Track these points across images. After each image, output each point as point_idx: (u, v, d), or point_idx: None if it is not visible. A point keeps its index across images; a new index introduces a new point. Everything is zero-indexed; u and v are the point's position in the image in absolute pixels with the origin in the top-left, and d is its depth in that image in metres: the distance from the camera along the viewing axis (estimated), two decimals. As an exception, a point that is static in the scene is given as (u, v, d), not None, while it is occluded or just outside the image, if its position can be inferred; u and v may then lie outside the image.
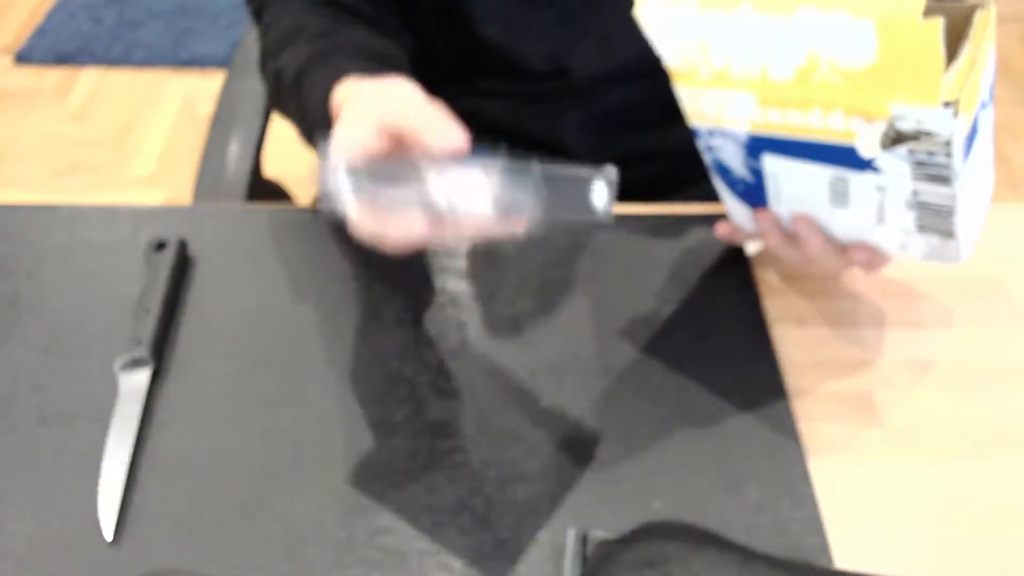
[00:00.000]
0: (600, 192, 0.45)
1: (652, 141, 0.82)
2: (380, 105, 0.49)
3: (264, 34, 0.68)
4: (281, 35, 0.65)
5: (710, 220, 0.67)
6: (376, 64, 0.59)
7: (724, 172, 0.56)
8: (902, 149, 0.44)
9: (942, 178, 0.44)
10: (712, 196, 0.59)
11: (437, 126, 0.46)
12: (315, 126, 0.58)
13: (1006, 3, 1.99)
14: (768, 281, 0.65)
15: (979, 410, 0.56)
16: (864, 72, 0.42)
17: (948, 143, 0.42)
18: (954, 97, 0.40)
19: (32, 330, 0.60)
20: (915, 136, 0.42)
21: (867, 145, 0.45)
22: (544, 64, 0.75)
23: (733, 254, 0.66)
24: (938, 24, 0.38)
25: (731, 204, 0.59)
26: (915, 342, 0.60)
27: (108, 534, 0.49)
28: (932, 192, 0.46)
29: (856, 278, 0.64)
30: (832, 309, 0.62)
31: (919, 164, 0.44)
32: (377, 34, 0.66)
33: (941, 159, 0.43)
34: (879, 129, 0.43)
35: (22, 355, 0.59)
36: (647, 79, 0.50)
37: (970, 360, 0.59)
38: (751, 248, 0.66)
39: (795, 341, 0.60)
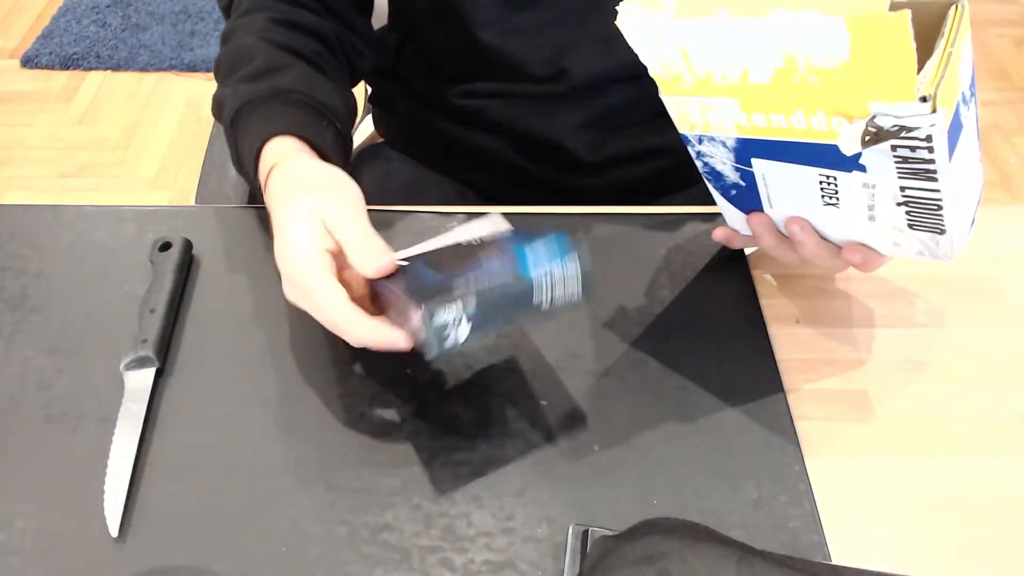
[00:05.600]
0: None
1: (650, 140, 0.82)
2: (317, 215, 0.52)
3: (222, 43, 0.69)
4: (231, 58, 0.66)
5: (709, 220, 0.68)
6: (310, 114, 0.62)
7: (716, 177, 0.56)
8: (885, 146, 0.44)
9: (928, 173, 0.44)
10: (711, 196, 0.59)
11: (363, 251, 0.51)
12: (244, 168, 0.62)
13: (999, 8, 2.03)
14: (765, 281, 0.65)
15: (972, 407, 0.57)
16: (840, 71, 0.42)
17: (929, 138, 0.42)
18: (930, 92, 0.40)
19: (38, 329, 0.61)
20: (895, 132, 0.42)
21: (850, 143, 0.45)
22: (543, 66, 0.76)
23: (732, 254, 0.66)
24: (906, 16, 0.38)
25: (726, 208, 0.60)
26: (909, 341, 0.61)
27: (113, 531, 0.50)
28: (919, 188, 0.46)
29: (851, 278, 0.65)
30: (828, 309, 0.63)
31: (903, 160, 0.44)
32: (324, 72, 0.67)
33: (924, 155, 0.43)
34: (860, 127, 0.43)
35: (29, 354, 0.59)
36: (645, 79, 0.51)
37: (963, 358, 0.60)
38: (748, 247, 0.67)
39: (792, 340, 0.61)
